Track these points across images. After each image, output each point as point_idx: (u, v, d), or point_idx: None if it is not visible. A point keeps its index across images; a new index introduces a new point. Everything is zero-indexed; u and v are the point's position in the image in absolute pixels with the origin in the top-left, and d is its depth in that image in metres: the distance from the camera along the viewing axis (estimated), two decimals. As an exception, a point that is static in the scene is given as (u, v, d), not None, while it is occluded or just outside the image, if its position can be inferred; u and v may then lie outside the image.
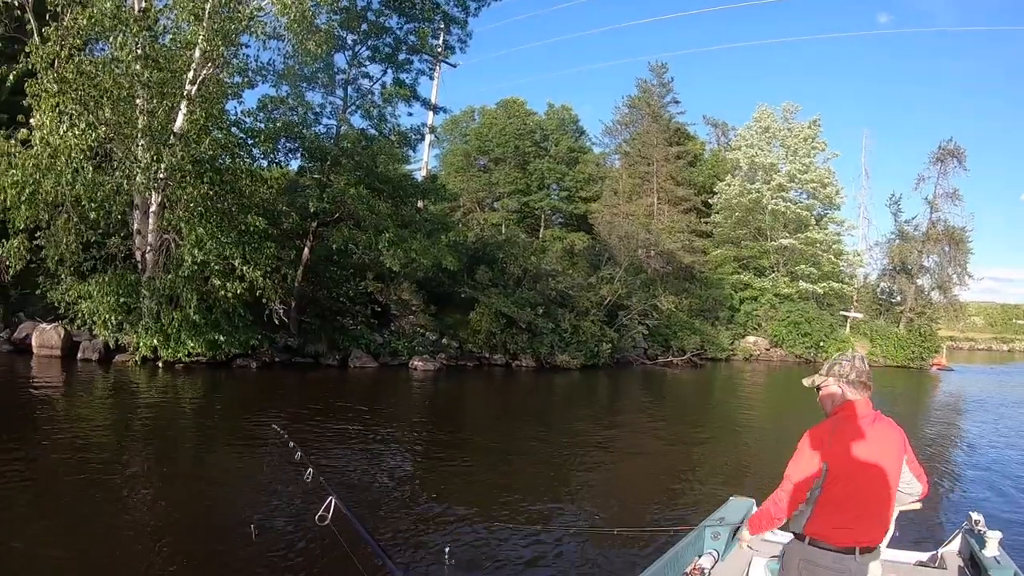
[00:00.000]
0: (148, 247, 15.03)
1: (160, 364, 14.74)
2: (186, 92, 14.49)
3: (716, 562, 4.23)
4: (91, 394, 12.32)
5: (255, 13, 14.85)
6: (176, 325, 14.37)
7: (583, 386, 20.29)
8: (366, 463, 8.87)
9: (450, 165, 43.16)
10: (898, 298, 42.50)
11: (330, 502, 3.43)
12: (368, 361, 18.78)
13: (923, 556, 4.52)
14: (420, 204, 23.36)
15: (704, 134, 49.02)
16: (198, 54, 14.46)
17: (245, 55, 16.73)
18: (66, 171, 12.91)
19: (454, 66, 27.15)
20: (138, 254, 15.14)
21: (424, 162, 29.65)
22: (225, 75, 15.90)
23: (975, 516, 4.56)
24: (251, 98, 45.68)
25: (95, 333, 14.71)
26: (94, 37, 14.44)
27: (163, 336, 14.42)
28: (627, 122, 44.47)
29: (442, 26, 22.18)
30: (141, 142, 14.19)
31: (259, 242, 15.10)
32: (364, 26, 19.62)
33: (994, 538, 4.24)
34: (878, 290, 43.92)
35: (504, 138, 40.91)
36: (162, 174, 14.20)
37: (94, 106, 13.22)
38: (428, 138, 26.07)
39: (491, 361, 21.75)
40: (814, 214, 39.03)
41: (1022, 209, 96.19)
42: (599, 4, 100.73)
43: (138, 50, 13.59)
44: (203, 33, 14.20)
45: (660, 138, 40.86)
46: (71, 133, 12.86)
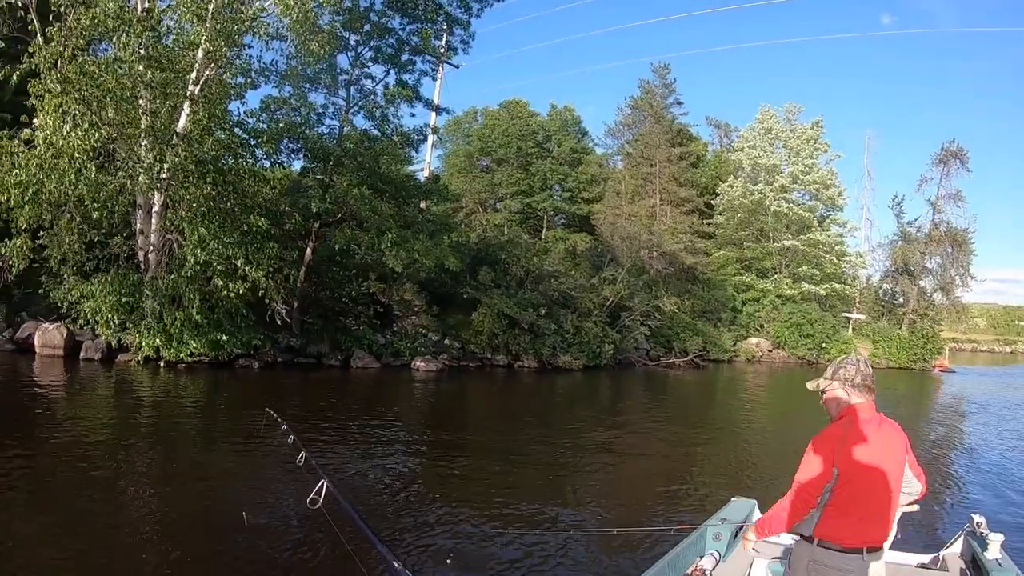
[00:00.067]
0: (151, 247, 15.06)
1: (162, 364, 14.76)
2: (189, 92, 14.52)
3: (717, 563, 4.23)
4: (93, 394, 12.34)
5: (258, 14, 14.87)
6: (178, 325, 14.39)
7: (585, 387, 20.27)
8: (368, 463, 8.87)
9: (453, 166, 43.17)
10: (900, 300, 42.46)
11: (321, 485, 3.43)
12: (370, 362, 18.78)
13: (925, 558, 4.51)
14: (423, 205, 23.36)
15: (707, 135, 49.19)
16: (201, 55, 14.48)
17: (248, 56, 16.76)
18: (69, 171, 12.93)
19: (457, 67, 27.20)
20: (141, 254, 15.16)
21: (427, 163, 29.71)
22: (228, 76, 15.90)
23: (977, 518, 4.55)
24: (254, 99, 45.93)
25: (98, 333, 14.74)
26: (97, 37, 14.46)
27: (165, 336, 14.44)
28: (630, 123, 44.51)
29: (445, 27, 22.16)
30: (144, 142, 14.22)
31: (262, 242, 15.11)
32: (367, 27, 19.61)
33: (996, 540, 4.23)
34: (880, 292, 43.89)
35: (507, 139, 40.91)
36: (165, 174, 14.22)
37: (97, 106, 13.23)
38: (431, 139, 26.08)
39: (493, 362, 21.74)
40: (817, 215, 39.02)
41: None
42: (602, 5, 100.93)
43: (141, 50, 13.61)
44: (206, 34, 14.21)
45: (663, 139, 40.85)
46: (74, 133, 12.89)
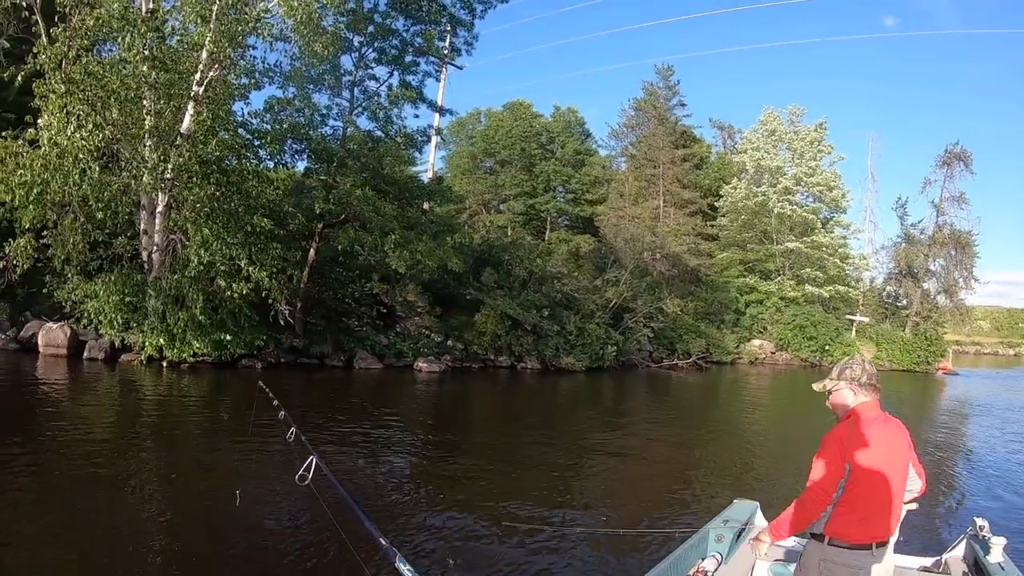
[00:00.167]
0: (154, 247, 15.08)
1: (165, 364, 14.77)
2: (193, 93, 14.54)
3: (719, 565, 4.21)
4: (96, 393, 12.35)
5: (262, 15, 14.87)
6: (182, 325, 14.41)
7: (588, 389, 20.25)
8: (371, 464, 8.87)
9: (456, 167, 43.19)
10: (904, 302, 42.43)
11: (311, 462, 3.41)
12: (373, 362, 18.78)
13: (927, 561, 4.49)
14: (426, 206, 23.39)
15: (710, 137, 49.22)
16: (205, 55, 14.50)
17: (252, 57, 16.86)
18: (73, 171, 12.96)
19: (460, 68, 27.29)
20: (144, 254, 15.18)
21: (430, 164, 29.67)
22: (232, 76, 15.93)
23: (980, 522, 4.52)
24: (258, 99, 46.06)
25: (101, 332, 14.77)
26: (102, 38, 14.49)
27: (169, 336, 14.46)
28: (633, 125, 44.52)
29: (448, 28, 22.17)
30: (148, 143, 14.25)
31: (265, 243, 15.13)
32: (371, 28, 19.64)
33: (998, 544, 4.22)
34: (884, 294, 43.87)
35: (510, 140, 40.92)
36: (169, 174, 14.25)
37: (101, 107, 13.25)
38: (434, 140, 26.08)
39: (496, 363, 21.73)
40: (820, 217, 38.99)
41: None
42: (605, 7, 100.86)
43: (145, 51, 13.63)
44: (210, 35, 14.23)
45: (666, 141, 40.86)
46: (79, 134, 12.92)
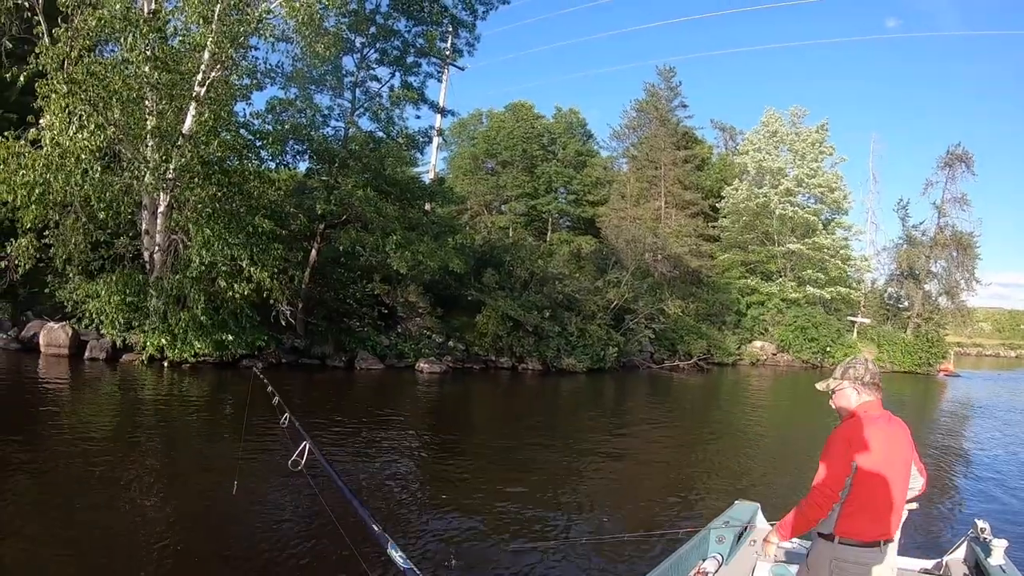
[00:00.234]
0: (156, 247, 15.09)
1: (166, 364, 14.77)
2: (195, 94, 14.54)
3: (720, 566, 4.22)
4: (97, 393, 12.36)
5: (264, 16, 14.88)
6: (183, 325, 14.40)
7: (589, 390, 20.25)
8: (372, 464, 8.87)
9: (458, 168, 43.19)
10: (905, 303, 42.40)
11: (304, 447, 3.40)
12: (374, 363, 18.78)
13: (928, 563, 4.49)
14: (427, 207, 23.38)
15: (712, 138, 49.16)
16: (207, 56, 14.50)
17: (254, 57, 16.86)
18: (75, 171, 12.95)
19: (462, 69, 27.30)
20: (146, 254, 15.18)
21: (432, 165, 29.68)
22: (234, 77, 15.93)
23: (981, 524, 4.52)
24: (260, 100, 46.11)
25: (102, 332, 14.76)
26: (104, 39, 14.49)
27: (170, 336, 14.45)
28: (635, 126, 44.51)
29: (450, 29, 22.17)
30: (150, 143, 14.26)
31: (267, 243, 15.12)
32: (372, 29, 19.67)
33: (1000, 546, 4.22)
34: (885, 295, 43.86)
35: (512, 141, 40.91)
36: (171, 175, 14.25)
37: (103, 107, 13.25)
38: (436, 141, 26.09)
39: (497, 364, 21.72)
40: (822, 219, 38.96)
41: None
42: (607, 8, 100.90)
43: (147, 52, 13.63)
44: (212, 35, 14.24)
45: (668, 142, 40.84)
46: (81, 134, 12.92)
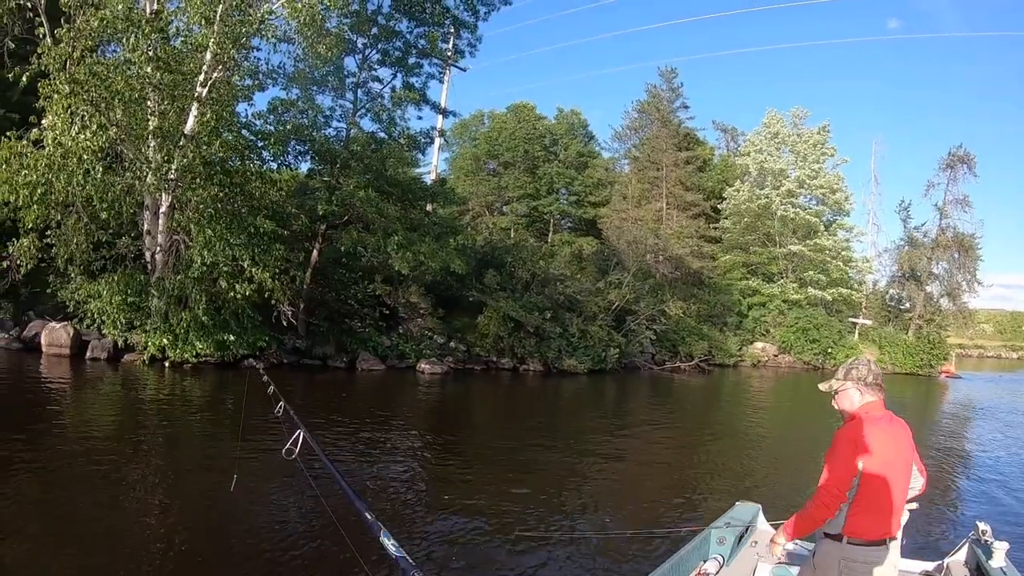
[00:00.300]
0: (158, 248, 15.10)
1: (168, 364, 14.78)
2: (197, 94, 14.55)
3: (721, 567, 4.21)
4: (98, 392, 12.36)
5: (266, 17, 14.90)
6: (185, 325, 14.41)
7: (590, 391, 20.24)
8: (373, 465, 8.87)
9: (459, 169, 43.19)
10: (907, 305, 42.35)
11: (298, 436, 3.40)
12: (375, 364, 18.78)
13: (929, 566, 4.48)
14: (429, 207, 23.37)
15: (713, 139, 49.14)
16: (209, 57, 14.51)
17: (256, 58, 16.88)
18: (78, 171, 12.96)
19: (464, 70, 27.28)
20: (148, 255, 15.20)
21: (433, 166, 29.68)
22: (236, 78, 15.95)
23: (982, 526, 4.52)
24: (262, 101, 46.06)
25: (104, 332, 14.78)
26: (106, 39, 14.50)
27: (171, 336, 14.47)
28: (636, 127, 44.50)
29: (452, 30, 22.18)
30: (152, 143, 14.27)
31: (268, 244, 15.13)
32: (374, 30, 19.67)
33: (1001, 549, 4.21)
34: (887, 297, 43.81)
35: (513, 142, 40.89)
36: (172, 175, 14.27)
37: (105, 107, 13.25)
38: (437, 142, 26.08)
39: (498, 365, 21.71)
40: (823, 220, 38.91)
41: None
42: (609, 9, 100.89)
43: (149, 52, 13.64)
44: (214, 36, 14.26)
45: (669, 143, 40.82)
46: (83, 134, 12.93)
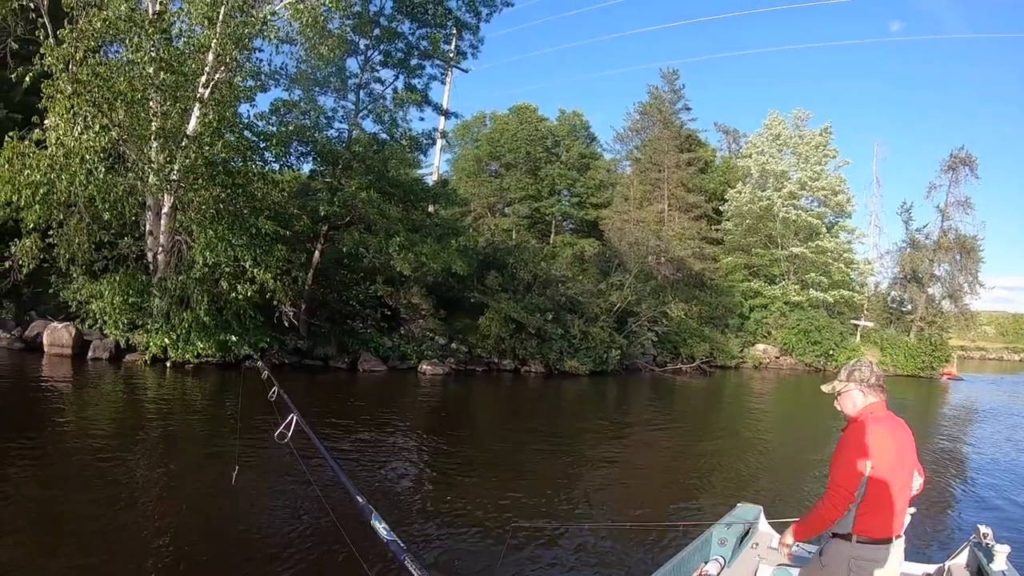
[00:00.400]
0: (160, 248, 15.11)
1: (169, 364, 14.80)
2: (199, 95, 14.57)
3: (722, 568, 4.21)
4: (100, 392, 12.37)
5: (268, 18, 14.91)
6: (186, 326, 14.41)
7: (592, 393, 20.23)
8: (374, 465, 8.88)
9: (461, 170, 43.21)
10: (909, 307, 42.30)
11: (291, 420, 3.40)
12: (377, 364, 18.78)
13: (930, 569, 4.48)
14: (431, 209, 23.38)
15: (715, 141, 49.14)
16: (211, 57, 14.53)
17: (258, 59, 16.90)
18: (80, 172, 12.97)
19: (466, 71, 27.26)
20: (150, 255, 15.21)
21: (435, 167, 29.67)
22: (238, 79, 15.96)
23: (983, 529, 4.51)
24: (264, 102, 46.07)
25: (106, 332, 14.79)
26: (108, 40, 14.51)
27: (173, 336, 14.47)
28: (638, 128, 44.51)
29: (454, 32, 22.20)
30: (154, 144, 14.28)
31: (270, 245, 15.14)
32: (376, 31, 19.69)
33: (1002, 552, 4.21)
34: (889, 299, 43.74)
35: (515, 143, 40.88)
36: (175, 176, 14.27)
37: (108, 108, 13.26)
38: (439, 143, 26.06)
39: (500, 366, 21.71)
40: (825, 222, 38.85)
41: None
42: (611, 11, 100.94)
43: (152, 53, 13.66)
44: (216, 37, 14.28)
45: (671, 145, 40.80)
46: (85, 135, 12.94)
